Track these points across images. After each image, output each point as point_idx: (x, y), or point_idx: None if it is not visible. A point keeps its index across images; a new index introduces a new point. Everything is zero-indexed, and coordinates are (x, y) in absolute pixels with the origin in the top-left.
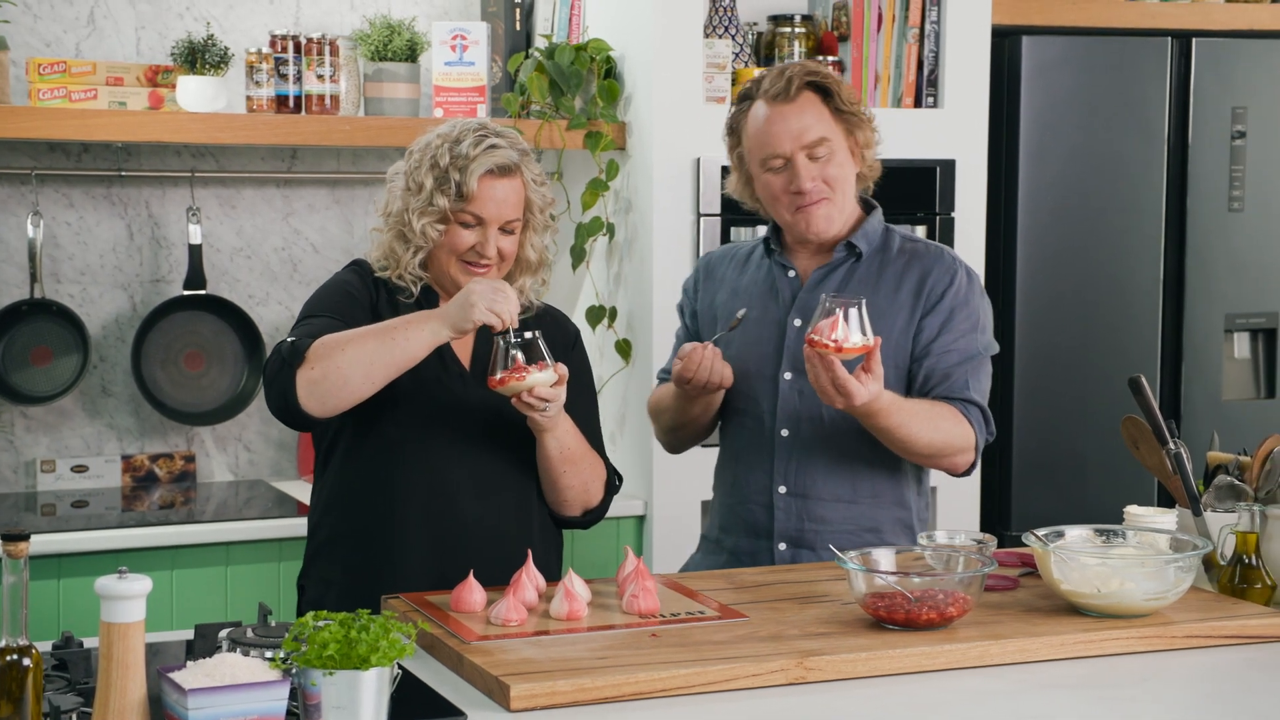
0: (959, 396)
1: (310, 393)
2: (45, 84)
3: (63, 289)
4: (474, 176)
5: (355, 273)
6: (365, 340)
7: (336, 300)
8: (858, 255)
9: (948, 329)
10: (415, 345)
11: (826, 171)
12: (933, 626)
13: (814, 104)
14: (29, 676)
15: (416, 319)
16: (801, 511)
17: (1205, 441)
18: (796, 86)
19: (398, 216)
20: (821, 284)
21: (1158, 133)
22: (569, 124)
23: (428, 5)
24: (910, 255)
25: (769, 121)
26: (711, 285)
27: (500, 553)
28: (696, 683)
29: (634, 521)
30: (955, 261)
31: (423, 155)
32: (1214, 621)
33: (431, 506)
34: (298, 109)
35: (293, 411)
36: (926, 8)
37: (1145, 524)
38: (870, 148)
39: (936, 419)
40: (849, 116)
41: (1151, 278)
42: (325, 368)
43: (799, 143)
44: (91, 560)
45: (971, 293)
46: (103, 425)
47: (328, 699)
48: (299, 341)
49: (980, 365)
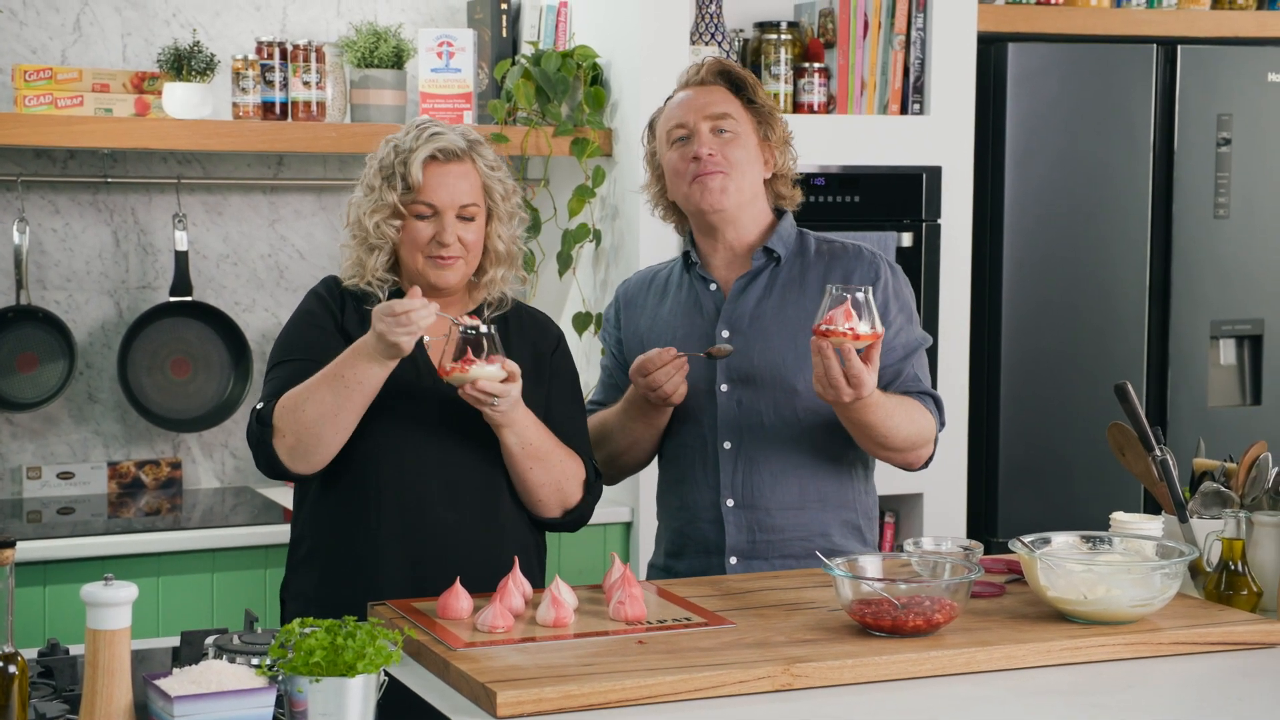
0: (915, 390)
1: (293, 458)
2: (31, 90)
3: (49, 295)
4: (416, 164)
5: (319, 295)
6: (320, 394)
7: (300, 337)
8: (776, 260)
9: (885, 325)
10: (369, 381)
11: (727, 150)
12: (919, 633)
13: (724, 91)
14: (15, 684)
15: (359, 355)
16: (751, 523)
17: (1191, 448)
18: (708, 73)
19: (356, 223)
20: (744, 293)
21: (1143, 139)
22: (555, 130)
23: (414, 12)
24: (830, 256)
25: (678, 102)
26: (633, 313)
27: (475, 558)
28: (683, 690)
29: (621, 528)
30: (876, 257)
31: (372, 160)
32: (1200, 628)
33: (405, 517)
34: (284, 116)
35: (286, 475)
36: (912, 14)
37: (1131, 530)
38: (782, 147)
39: (912, 411)
40: (758, 109)
41: (1137, 284)
42: (296, 433)
43: (702, 113)
44: (77, 567)
45: (899, 285)
46: (89, 432)
47: (314, 706)
48: (264, 410)
49: (921, 356)
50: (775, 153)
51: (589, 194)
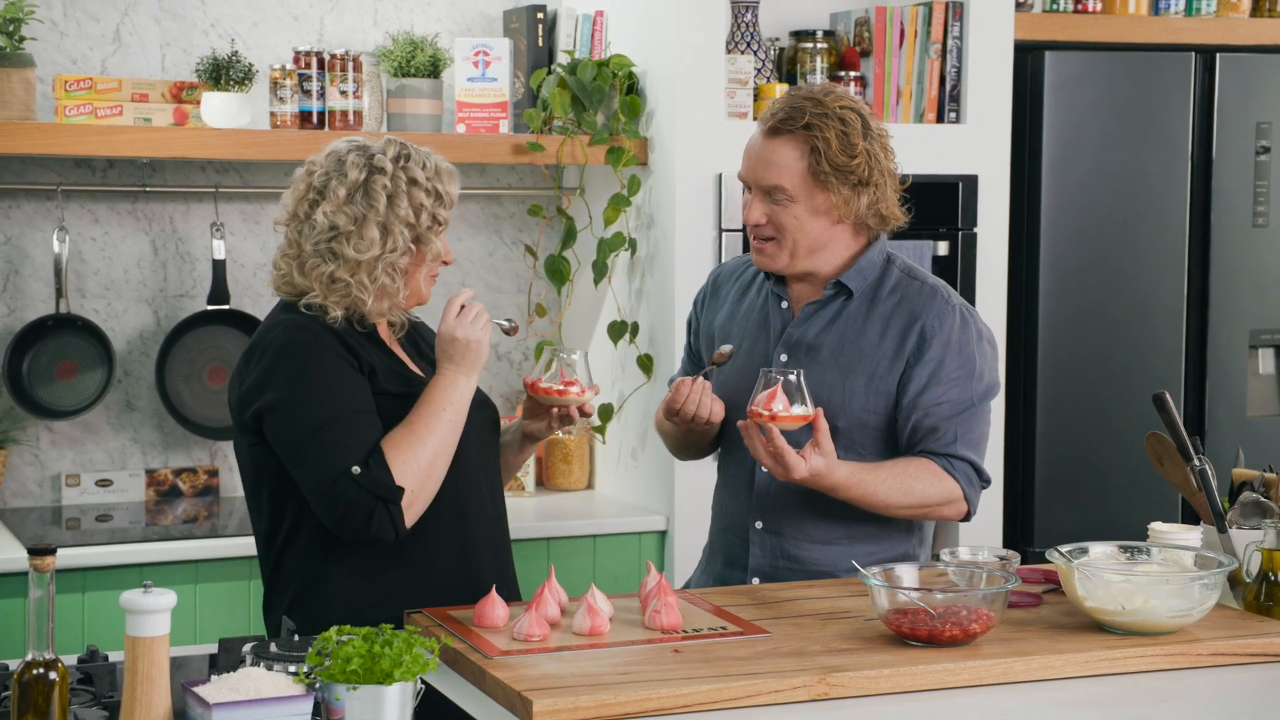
0: (944, 452)
1: (411, 514)
2: (71, 100)
3: (88, 304)
4: (453, 185)
5: (312, 342)
6: (435, 436)
7: (341, 387)
8: (848, 293)
9: (937, 380)
10: (464, 411)
11: (779, 216)
12: (956, 643)
13: (792, 152)
14: (55, 690)
15: (447, 388)
16: (776, 549)
17: (1230, 458)
18: (780, 121)
19: (401, 249)
20: (809, 320)
21: (1181, 148)
22: (591, 140)
23: (450, 22)
24: (902, 296)
25: (750, 142)
26: (715, 304)
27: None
28: (719, 699)
29: (656, 537)
30: (948, 305)
31: (394, 182)
32: (1240, 639)
33: (460, 523)
34: (321, 125)
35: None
36: (949, 23)
37: (1170, 541)
38: (859, 206)
39: (910, 480)
40: (827, 178)
41: (1175, 293)
42: (420, 485)
43: (754, 178)
44: (116, 574)
45: (966, 338)
46: (127, 439)
47: (351, 713)
48: (372, 473)
49: (973, 415)
50: (851, 201)
51: (624, 203)
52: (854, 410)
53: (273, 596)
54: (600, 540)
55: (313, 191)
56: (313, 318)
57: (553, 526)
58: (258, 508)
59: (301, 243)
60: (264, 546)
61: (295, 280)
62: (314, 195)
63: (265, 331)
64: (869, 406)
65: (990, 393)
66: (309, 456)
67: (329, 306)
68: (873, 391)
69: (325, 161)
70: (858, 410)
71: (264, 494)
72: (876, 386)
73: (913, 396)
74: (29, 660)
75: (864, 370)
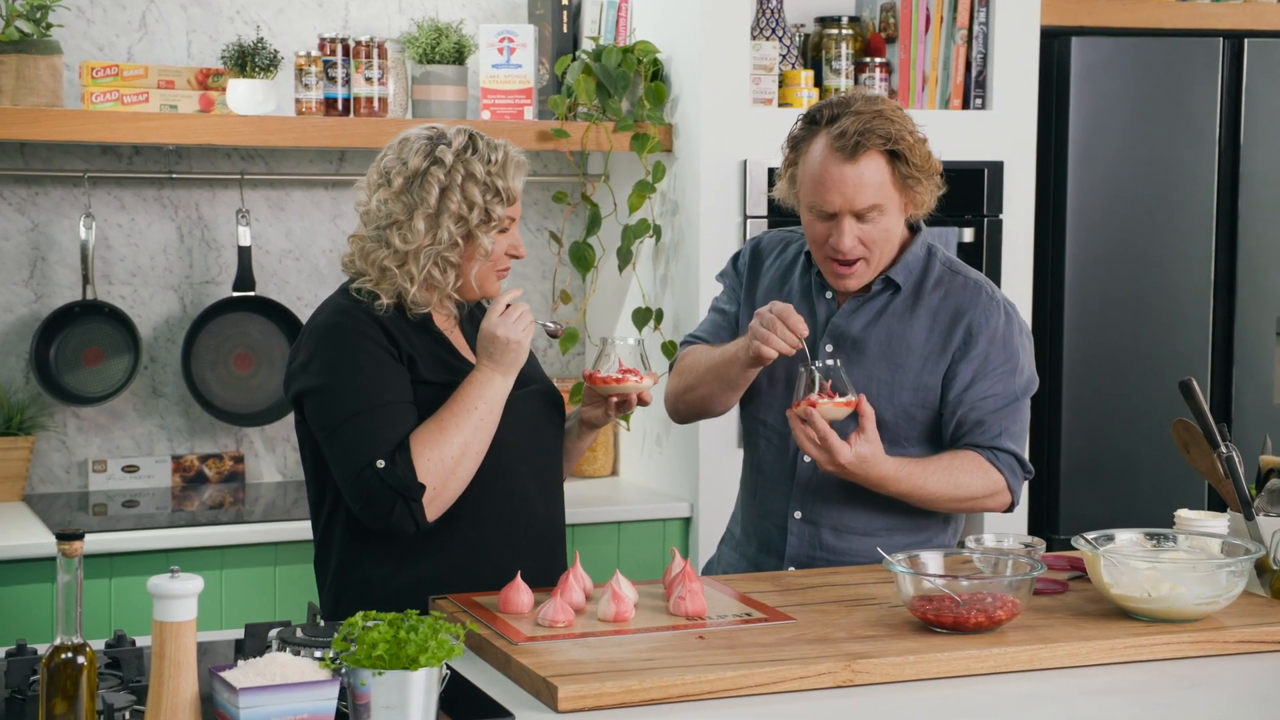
0: (989, 445)
1: (435, 509)
2: (98, 87)
3: (114, 290)
4: (518, 179)
5: (355, 328)
6: (463, 434)
7: (376, 379)
8: (895, 288)
9: (983, 375)
10: (498, 409)
11: (870, 233)
12: (981, 630)
13: (877, 166)
14: (83, 674)
15: (481, 385)
16: (814, 539)
17: (1257, 445)
18: (862, 141)
19: (446, 244)
20: (855, 313)
21: (1209, 134)
22: (616, 126)
23: (475, 8)
24: (947, 290)
25: (825, 170)
26: (756, 274)
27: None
28: (743, 685)
29: (680, 523)
30: (992, 301)
31: (450, 176)
32: (1267, 627)
33: (505, 512)
34: (346, 111)
35: (409, 531)
36: (975, 8)
37: (1196, 528)
38: (930, 198)
39: (955, 473)
40: (912, 179)
41: (1202, 280)
42: (444, 481)
43: (850, 206)
44: (142, 559)
45: (1010, 332)
46: (153, 426)
47: (377, 699)
48: (395, 467)
49: (1017, 409)
50: (928, 194)
51: (649, 189)
52: (902, 404)
53: (320, 566)
54: (625, 527)
55: (380, 176)
56: (358, 303)
57: (578, 513)
58: (309, 478)
59: (365, 226)
60: (314, 515)
61: (357, 262)
62: (380, 180)
63: (316, 313)
64: (916, 401)
65: (1031, 386)
66: (338, 445)
67: (379, 293)
68: (920, 386)
69: (396, 148)
70: (906, 404)
71: (310, 468)
72: (924, 381)
73: (959, 391)
74: (57, 645)
75: (912, 365)
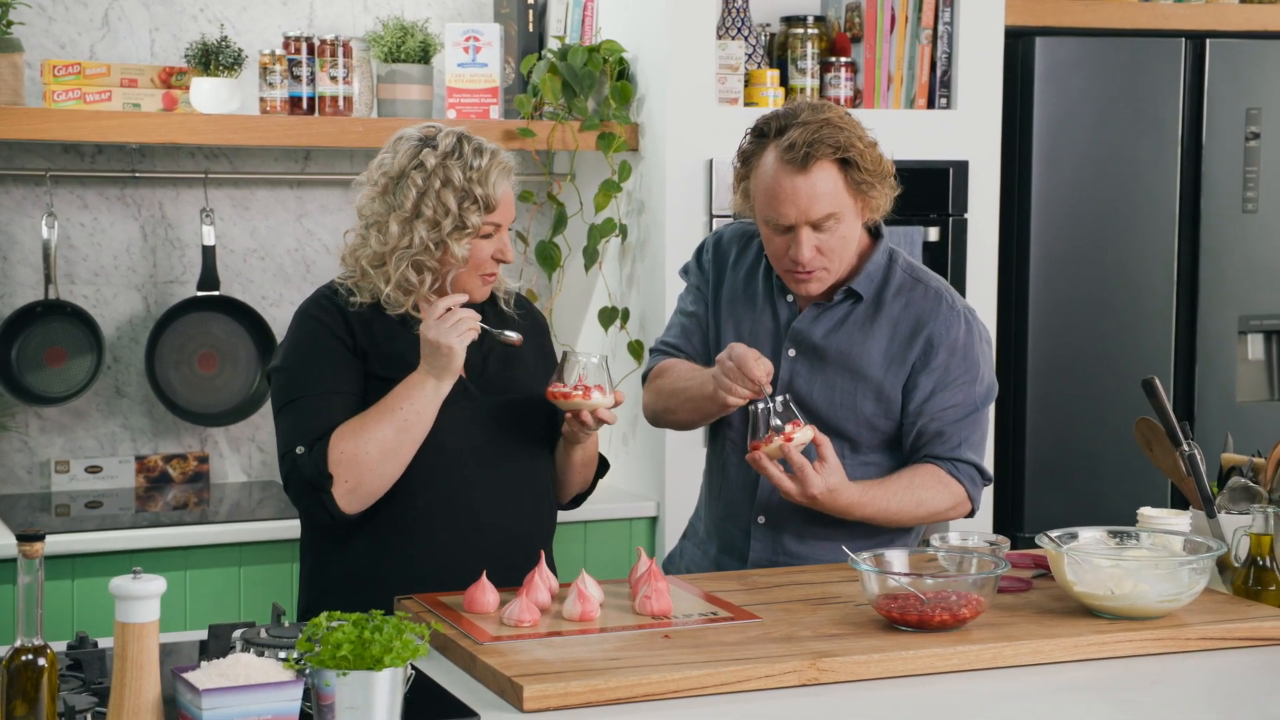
0: (949, 456)
1: (351, 502)
2: (60, 86)
3: (77, 290)
4: (499, 186)
5: (319, 320)
6: (383, 431)
7: (314, 368)
8: (857, 297)
9: (943, 386)
10: (427, 412)
11: (828, 242)
12: (946, 628)
13: (829, 175)
14: (44, 676)
15: (411, 387)
16: (776, 544)
17: (1219, 443)
18: (811, 152)
19: (418, 248)
20: (817, 319)
21: (1171, 134)
22: (582, 125)
23: (440, 7)
24: (908, 299)
25: (777, 183)
26: (719, 268)
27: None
28: (709, 684)
29: (646, 523)
30: (952, 310)
31: (427, 179)
32: (1228, 624)
33: (455, 521)
34: (311, 110)
35: (332, 520)
36: (940, 9)
37: (1159, 526)
38: (885, 201)
39: (917, 490)
40: (865, 184)
41: (1165, 279)
42: (357, 476)
43: (805, 217)
44: (106, 560)
45: (970, 342)
46: (117, 426)
47: (341, 699)
48: (310, 456)
49: (977, 419)
50: (883, 198)
51: (615, 189)
52: (864, 414)
53: (302, 557)
54: (591, 526)
55: (371, 174)
56: (335, 294)
57: None
58: None
59: (358, 223)
60: None
61: (346, 258)
62: (370, 179)
63: None
64: (879, 411)
65: (991, 394)
66: (278, 427)
67: (356, 290)
68: (881, 397)
69: (390, 146)
70: (868, 414)
71: None
72: (884, 392)
73: (919, 403)
74: (18, 646)
75: (873, 376)
